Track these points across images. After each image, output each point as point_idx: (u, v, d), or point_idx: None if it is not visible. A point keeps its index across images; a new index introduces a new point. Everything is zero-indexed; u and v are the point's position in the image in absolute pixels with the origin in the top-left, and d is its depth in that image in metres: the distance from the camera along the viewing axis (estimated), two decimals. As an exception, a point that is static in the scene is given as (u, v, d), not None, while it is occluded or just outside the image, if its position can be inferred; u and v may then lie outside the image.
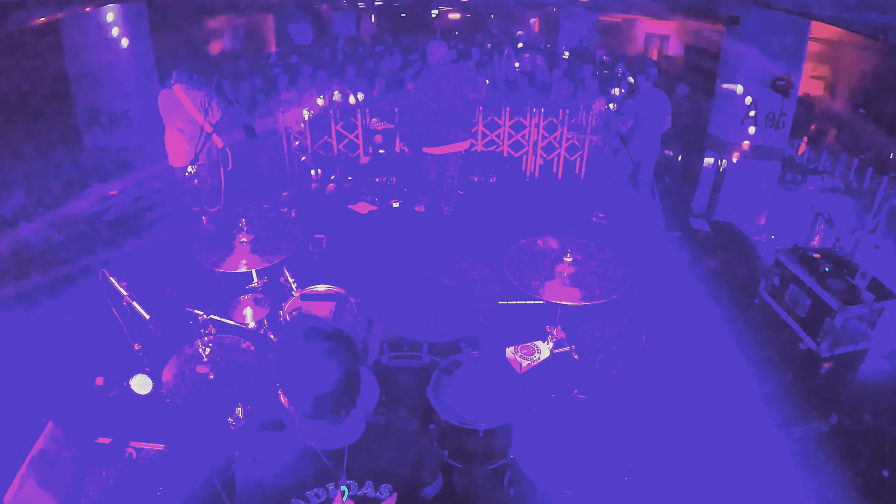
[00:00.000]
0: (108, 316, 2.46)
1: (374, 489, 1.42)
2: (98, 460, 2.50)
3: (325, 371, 1.30)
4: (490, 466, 2.47)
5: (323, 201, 6.23)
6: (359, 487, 1.41)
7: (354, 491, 1.41)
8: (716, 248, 5.41)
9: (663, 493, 2.60)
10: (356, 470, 1.41)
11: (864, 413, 3.43)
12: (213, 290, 3.55)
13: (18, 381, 3.10)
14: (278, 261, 3.12)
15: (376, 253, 4.89)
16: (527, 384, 2.66)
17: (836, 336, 3.85)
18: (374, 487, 1.42)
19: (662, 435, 2.82)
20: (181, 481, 2.51)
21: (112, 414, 2.72)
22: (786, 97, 5.46)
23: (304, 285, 3.34)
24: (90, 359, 3.20)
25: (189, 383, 2.60)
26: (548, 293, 2.83)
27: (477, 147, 7.28)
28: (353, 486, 1.41)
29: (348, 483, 1.40)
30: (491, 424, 2.40)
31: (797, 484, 2.88)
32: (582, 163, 7.08)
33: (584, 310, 2.87)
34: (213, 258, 3.09)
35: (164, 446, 2.58)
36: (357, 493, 1.42)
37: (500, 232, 5.21)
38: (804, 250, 4.30)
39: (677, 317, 4.02)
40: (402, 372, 3.10)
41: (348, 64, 8.98)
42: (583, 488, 2.13)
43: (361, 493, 1.42)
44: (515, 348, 3.18)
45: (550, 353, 3.16)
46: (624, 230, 5.32)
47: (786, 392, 3.52)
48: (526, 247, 3.19)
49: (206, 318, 2.63)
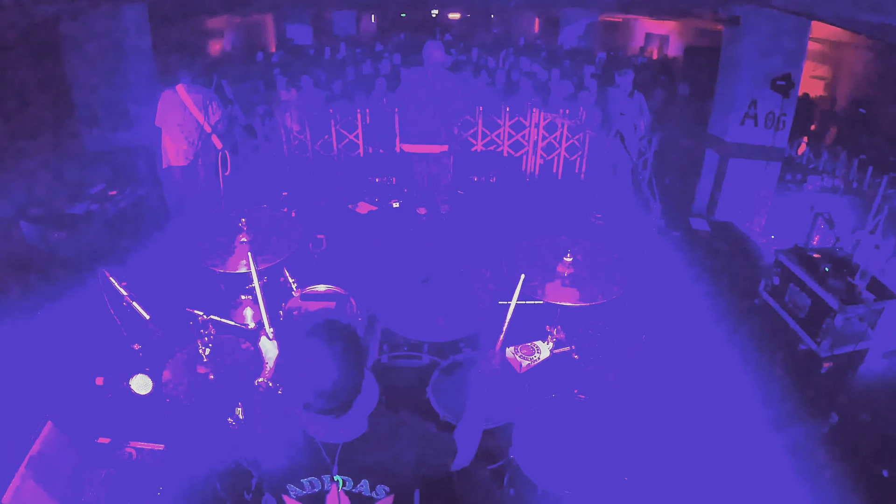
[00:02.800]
0: (108, 316, 2.46)
1: (368, 488, 1.42)
2: (98, 460, 2.50)
3: (327, 366, 1.31)
4: (490, 466, 2.47)
5: (324, 201, 6.22)
6: (354, 484, 1.42)
7: (349, 487, 1.42)
8: (716, 248, 5.41)
9: (663, 493, 2.60)
10: (353, 467, 1.41)
11: (863, 413, 3.43)
12: (212, 290, 3.55)
13: (18, 381, 3.10)
14: (278, 261, 3.12)
15: (376, 253, 4.89)
16: (527, 384, 2.66)
17: (836, 336, 3.85)
18: (370, 487, 1.42)
19: (663, 435, 2.81)
20: (181, 481, 2.52)
21: (112, 414, 2.72)
22: (786, 97, 5.46)
23: (304, 285, 3.34)
24: (90, 359, 3.20)
25: (189, 383, 2.60)
26: (547, 294, 2.83)
27: (477, 147, 7.28)
28: (348, 481, 1.42)
29: (344, 478, 1.41)
30: (491, 424, 2.40)
31: (797, 484, 2.88)
32: (582, 163, 7.08)
33: (584, 310, 2.86)
34: (212, 259, 3.08)
35: (164, 446, 2.58)
36: (352, 490, 1.42)
37: (500, 232, 5.22)
38: (804, 250, 4.30)
39: (677, 317, 4.02)
40: (402, 372, 3.10)
41: (348, 64, 8.99)
42: (583, 488, 2.13)
43: (356, 490, 1.42)
44: (515, 348, 3.17)
45: (550, 353, 3.16)
46: (624, 230, 5.32)
47: (786, 392, 3.52)
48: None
49: (206, 318, 2.63)
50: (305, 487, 1.43)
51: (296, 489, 1.44)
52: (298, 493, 1.44)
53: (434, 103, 4.84)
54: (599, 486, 2.14)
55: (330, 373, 1.30)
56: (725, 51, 5.79)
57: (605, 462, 2.23)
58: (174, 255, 4.38)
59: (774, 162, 5.84)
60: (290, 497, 1.45)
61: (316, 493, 1.44)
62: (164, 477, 2.50)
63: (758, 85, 5.50)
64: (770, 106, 5.56)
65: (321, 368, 1.30)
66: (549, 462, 2.22)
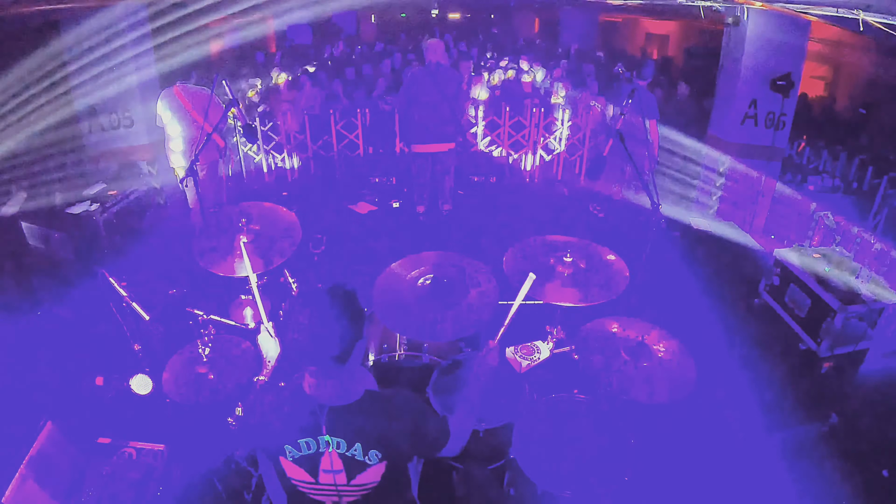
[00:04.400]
0: (108, 316, 2.46)
1: (361, 453, 1.45)
2: (98, 460, 2.50)
3: (326, 316, 1.40)
4: (490, 466, 2.47)
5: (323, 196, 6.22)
6: (347, 448, 1.44)
7: (343, 449, 1.45)
8: (716, 248, 5.41)
9: (664, 493, 2.60)
10: (348, 430, 1.46)
11: (863, 413, 3.43)
12: (213, 290, 3.55)
13: (18, 381, 3.10)
14: (279, 262, 3.11)
15: (376, 253, 4.89)
16: (527, 384, 2.66)
17: (836, 336, 3.85)
18: (363, 451, 1.45)
19: (663, 435, 2.82)
20: (181, 481, 2.52)
21: (112, 414, 2.72)
22: (786, 97, 5.46)
23: (304, 285, 3.34)
24: (90, 359, 3.20)
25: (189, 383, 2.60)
26: (547, 294, 2.82)
27: (477, 147, 7.28)
28: (341, 444, 1.44)
29: (337, 440, 1.43)
30: (491, 424, 2.40)
31: (797, 484, 2.88)
32: (582, 163, 7.08)
33: (584, 310, 2.86)
34: (212, 259, 3.08)
35: (164, 446, 2.59)
36: (345, 453, 1.45)
37: (501, 232, 5.22)
38: (804, 250, 4.30)
39: (677, 317, 4.02)
40: (402, 372, 3.09)
41: (348, 64, 8.99)
42: (583, 488, 2.13)
43: (350, 453, 1.45)
44: (515, 348, 3.17)
45: (550, 353, 3.16)
46: (623, 229, 5.32)
47: (786, 392, 3.52)
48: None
49: (206, 318, 2.63)
50: (302, 448, 1.46)
51: (292, 450, 1.47)
52: (295, 455, 1.47)
53: (440, 102, 4.85)
54: (599, 486, 2.14)
55: (329, 322, 1.39)
56: (725, 51, 5.79)
57: (605, 462, 2.23)
58: (174, 255, 4.39)
59: (774, 162, 5.84)
60: (287, 459, 1.48)
61: (311, 454, 1.47)
62: (164, 477, 2.50)
63: (758, 85, 5.50)
64: (770, 106, 5.56)
65: (321, 319, 1.40)
66: (549, 462, 2.22)
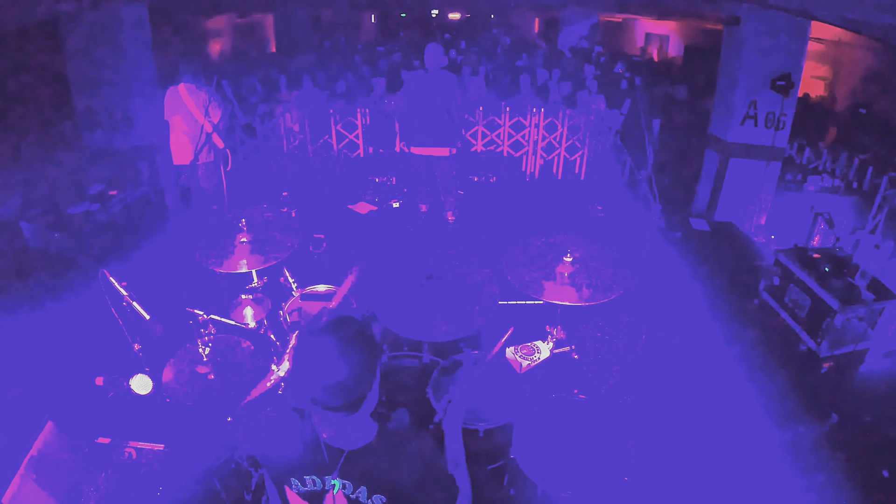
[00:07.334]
0: (108, 316, 2.46)
1: (366, 496, 1.43)
2: (98, 460, 2.50)
3: (336, 361, 1.31)
4: (490, 466, 2.47)
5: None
6: (353, 490, 1.43)
7: (348, 491, 1.43)
8: (716, 248, 5.41)
9: (663, 493, 2.60)
10: (355, 472, 1.42)
11: (863, 413, 3.43)
12: (213, 290, 3.55)
13: (18, 381, 3.10)
14: (278, 261, 3.12)
15: (376, 253, 4.89)
16: (527, 384, 2.66)
17: (836, 336, 3.85)
18: (367, 495, 1.43)
19: (663, 435, 2.81)
20: (181, 481, 2.52)
21: (112, 414, 2.71)
22: (786, 97, 5.46)
23: (304, 285, 3.34)
24: (90, 359, 3.20)
25: (189, 383, 2.60)
26: (547, 293, 2.82)
27: (477, 147, 7.28)
28: (348, 486, 1.42)
29: (343, 482, 1.41)
30: (491, 424, 2.40)
31: (797, 484, 2.88)
32: (582, 163, 7.08)
33: (584, 310, 2.86)
34: (212, 259, 3.08)
35: (164, 446, 2.59)
36: (349, 495, 1.43)
37: (501, 232, 5.22)
38: (804, 250, 4.30)
39: (677, 317, 4.02)
40: (402, 372, 3.10)
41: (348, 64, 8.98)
42: (583, 488, 2.13)
43: (354, 495, 1.43)
44: (515, 348, 3.17)
45: (550, 353, 3.16)
46: (624, 229, 5.32)
47: (786, 392, 3.52)
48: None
49: (206, 318, 2.63)
50: (307, 484, 1.45)
51: (297, 484, 1.45)
52: (300, 489, 1.46)
53: (440, 106, 4.84)
54: (599, 486, 2.14)
55: (338, 368, 1.30)
56: (725, 51, 5.79)
57: (606, 462, 2.23)
58: (174, 254, 4.38)
59: (774, 162, 5.84)
60: (292, 490, 1.47)
61: (316, 492, 1.45)
62: (164, 477, 2.50)
63: (758, 85, 5.49)
64: (770, 106, 5.56)
65: (330, 363, 1.30)
66: (549, 462, 2.22)
